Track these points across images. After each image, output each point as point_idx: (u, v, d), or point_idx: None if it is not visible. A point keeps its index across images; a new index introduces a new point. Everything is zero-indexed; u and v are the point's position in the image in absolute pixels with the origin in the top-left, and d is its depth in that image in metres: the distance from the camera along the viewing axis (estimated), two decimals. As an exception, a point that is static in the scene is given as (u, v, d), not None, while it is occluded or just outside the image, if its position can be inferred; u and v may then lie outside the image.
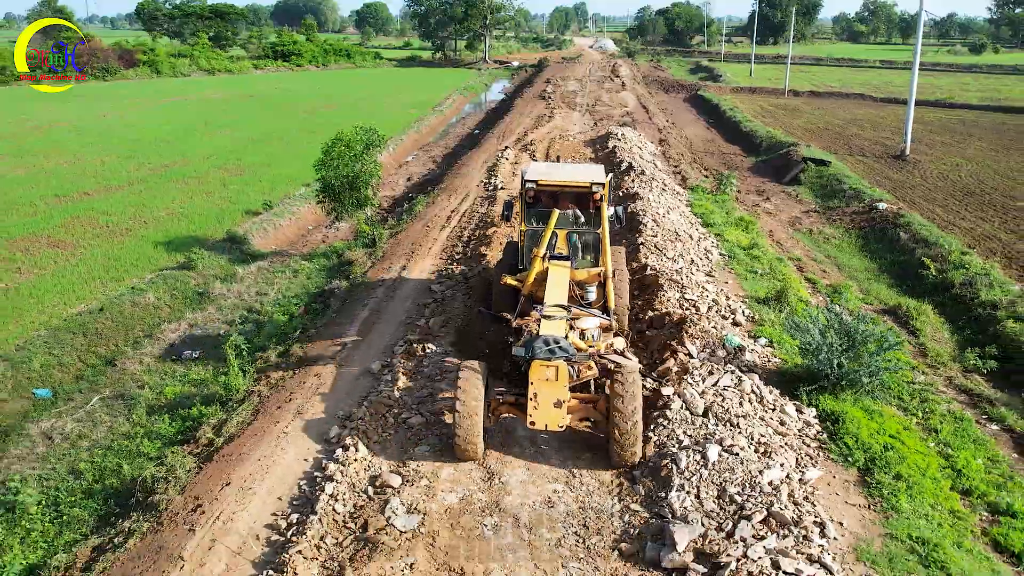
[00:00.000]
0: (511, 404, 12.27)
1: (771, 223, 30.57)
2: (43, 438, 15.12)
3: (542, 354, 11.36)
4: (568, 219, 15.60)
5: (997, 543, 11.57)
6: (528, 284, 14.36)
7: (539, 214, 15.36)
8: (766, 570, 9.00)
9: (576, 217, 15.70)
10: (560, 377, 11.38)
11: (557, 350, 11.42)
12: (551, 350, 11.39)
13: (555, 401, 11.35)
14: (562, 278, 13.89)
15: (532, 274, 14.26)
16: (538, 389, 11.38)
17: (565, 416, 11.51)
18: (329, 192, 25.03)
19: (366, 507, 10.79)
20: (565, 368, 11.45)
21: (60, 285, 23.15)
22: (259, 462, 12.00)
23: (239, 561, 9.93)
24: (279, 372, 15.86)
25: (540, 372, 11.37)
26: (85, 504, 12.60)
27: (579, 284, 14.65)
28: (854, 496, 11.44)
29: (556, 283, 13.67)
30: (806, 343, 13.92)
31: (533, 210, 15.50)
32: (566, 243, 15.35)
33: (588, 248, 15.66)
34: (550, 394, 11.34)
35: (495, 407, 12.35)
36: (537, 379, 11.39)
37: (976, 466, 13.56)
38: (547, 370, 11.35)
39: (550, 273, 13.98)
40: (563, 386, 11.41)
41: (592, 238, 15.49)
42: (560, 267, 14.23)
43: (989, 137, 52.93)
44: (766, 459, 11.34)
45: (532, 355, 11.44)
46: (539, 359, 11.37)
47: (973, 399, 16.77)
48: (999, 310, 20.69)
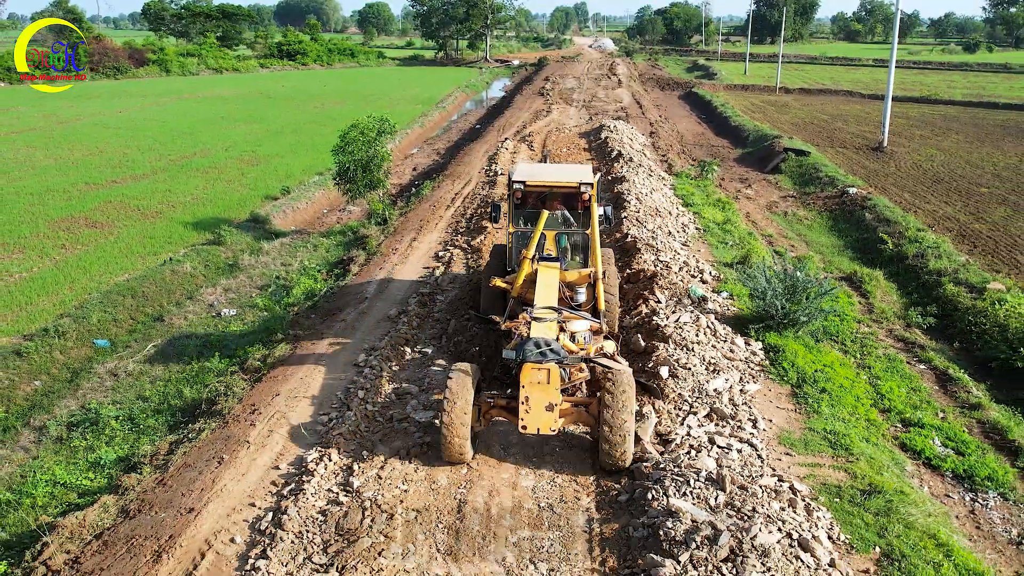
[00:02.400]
0: (502, 407, 12.01)
1: (749, 206, 33.20)
2: (110, 375, 17.77)
3: (533, 357, 11.17)
4: (557, 220, 15.43)
5: (904, 445, 14.22)
6: (517, 286, 14.21)
7: (527, 215, 15.21)
8: (704, 443, 11.64)
9: (565, 218, 15.50)
10: (552, 380, 11.21)
11: (548, 352, 11.22)
12: (542, 352, 11.20)
13: (547, 404, 11.14)
14: (552, 280, 13.72)
15: (521, 276, 14.08)
16: (529, 392, 11.17)
17: (557, 420, 11.31)
18: (345, 175, 27.72)
19: (392, 405, 13.55)
20: (557, 371, 11.31)
21: (103, 258, 25.75)
22: (301, 380, 14.73)
23: (292, 444, 12.60)
24: (310, 319, 18.56)
25: (531, 375, 11.22)
26: (156, 418, 15.27)
27: (569, 286, 14.57)
28: (784, 403, 14.11)
29: (546, 285, 13.49)
30: (754, 288, 16.60)
31: (521, 211, 15.31)
32: (555, 244, 15.13)
33: (578, 249, 15.43)
34: (542, 397, 11.14)
35: (486, 410, 12.12)
36: (528, 382, 11.20)
37: (898, 392, 16.20)
38: (539, 373, 11.20)
39: (539, 275, 13.80)
40: (555, 389, 11.22)
41: (581, 239, 15.25)
42: (549, 269, 14.04)
43: (966, 131, 55.51)
44: (714, 374, 14.01)
45: (523, 358, 11.21)
46: (530, 362, 11.19)
47: (908, 346, 19.39)
48: (943, 276, 23.31)
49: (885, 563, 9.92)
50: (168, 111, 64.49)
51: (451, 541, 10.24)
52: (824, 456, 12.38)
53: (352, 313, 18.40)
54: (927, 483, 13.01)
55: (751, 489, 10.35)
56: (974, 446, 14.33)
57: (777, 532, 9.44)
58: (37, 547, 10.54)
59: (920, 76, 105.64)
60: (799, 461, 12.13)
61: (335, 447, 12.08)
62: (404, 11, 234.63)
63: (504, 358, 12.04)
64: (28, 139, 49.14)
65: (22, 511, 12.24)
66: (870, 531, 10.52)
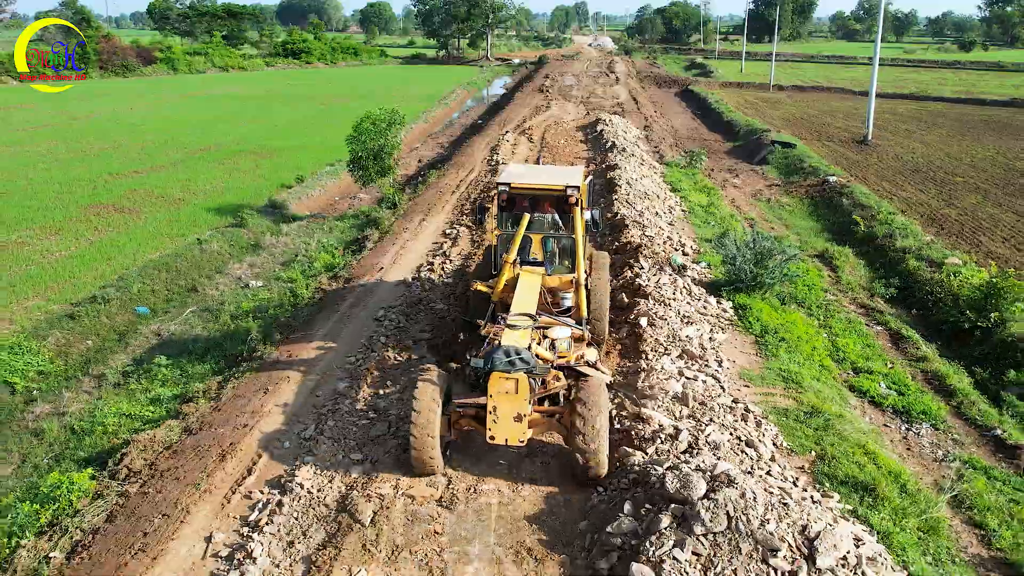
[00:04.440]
0: (471, 417, 11.64)
1: (735, 193, 35.38)
2: (154, 335, 19.97)
3: (501, 366, 10.71)
4: (546, 223, 14.96)
5: (852, 387, 16.39)
6: (497, 291, 13.83)
7: (515, 218, 14.40)
8: (674, 374, 13.80)
9: (555, 222, 14.98)
10: (520, 390, 10.77)
11: (518, 361, 10.75)
12: (511, 361, 10.73)
13: (515, 415, 10.82)
14: (532, 285, 13.44)
15: (502, 280, 13.75)
16: (497, 402, 10.83)
17: (526, 431, 11.00)
18: (358, 162, 29.94)
19: (407, 350, 15.83)
20: (526, 380, 10.81)
21: (134, 239, 27.88)
22: (329, 331, 17.00)
23: (328, 377, 14.85)
24: (333, 285, 20.77)
25: (499, 385, 10.78)
26: (202, 366, 17.47)
27: (553, 291, 14.33)
28: (748, 349, 16.29)
29: (525, 290, 13.17)
30: (726, 255, 18.79)
31: (509, 214, 14.76)
32: (541, 248, 14.69)
33: (566, 253, 14.78)
34: (510, 408, 10.80)
35: (456, 420, 11.77)
36: (496, 392, 10.81)
37: (853, 347, 18.37)
38: (506, 383, 10.74)
39: (520, 279, 13.52)
40: (523, 399, 10.81)
41: (569, 243, 14.62)
42: (531, 273, 13.82)
43: (950, 126, 57.67)
44: (687, 325, 16.18)
45: (491, 367, 10.79)
46: (498, 371, 10.74)
47: (869, 312, 21.58)
48: (908, 253, 25.48)
49: (818, 463, 12.09)
50: (179, 108, 66.65)
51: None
52: (777, 388, 14.56)
53: (372, 279, 20.60)
54: (868, 415, 15.19)
55: (710, 405, 12.53)
56: (915, 389, 16.51)
57: (728, 434, 11.63)
58: (118, 456, 12.73)
59: (914, 73, 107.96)
60: (755, 391, 14.30)
61: (363, 379, 14.33)
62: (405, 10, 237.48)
63: (472, 366, 11.63)
64: (47, 134, 51.27)
65: (96, 436, 14.43)
66: (808, 440, 12.70)
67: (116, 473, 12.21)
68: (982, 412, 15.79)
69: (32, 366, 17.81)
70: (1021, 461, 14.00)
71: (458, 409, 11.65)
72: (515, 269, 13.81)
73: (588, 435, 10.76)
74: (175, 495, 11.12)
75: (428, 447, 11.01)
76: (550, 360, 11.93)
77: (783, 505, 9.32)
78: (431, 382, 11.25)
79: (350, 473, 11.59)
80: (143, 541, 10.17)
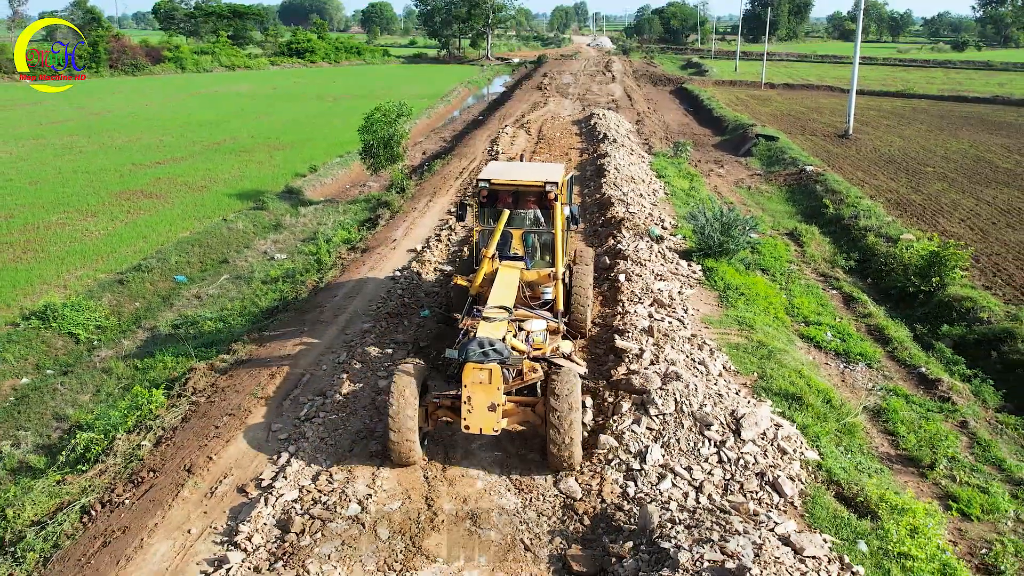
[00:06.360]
0: (447, 408, 12.02)
1: (719, 181, 38.08)
2: (195, 298, 22.66)
3: (475, 357, 11.08)
4: (527, 219, 15.44)
5: (802, 335, 19.07)
6: (476, 285, 14.16)
7: (497, 214, 14.53)
8: (644, 317, 16.46)
9: (536, 217, 15.41)
10: (494, 380, 11.13)
11: (491, 352, 11.10)
12: (485, 352, 11.08)
13: (489, 405, 11.16)
14: (510, 279, 13.76)
15: (480, 275, 14.08)
16: (472, 392, 11.18)
17: (500, 420, 11.33)
18: (369, 151, 32.69)
19: (419, 302, 18.56)
20: (499, 371, 11.18)
21: (165, 220, 30.54)
22: (352, 288, 19.76)
23: (355, 320, 17.53)
24: (351, 255, 23.49)
25: (473, 375, 11.14)
26: (241, 319, 20.17)
27: (532, 285, 14.64)
28: (711, 302, 18.97)
29: (503, 284, 13.51)
30: (696, 225, 21.50)
31: (491, 210, 15.10)
32: (522, 244, 15.17)
33: (547, 248, 15.27)
34: (484, 398, 11.15)
35: (432, 410, 12.13)
36: (470, 382, 11.16)
37: (807, 305, 21.04)
38: (480, 373, 11.11)
39: (498, 274, 13.89)
40: (496, 389, 11.16)
41: (550, 238, 14.96)
42: (509, 268, 14.20)
43: (931, 121, 60.36)
44: (659, 281, 18.87)
45: (465, 358, 11.16)
46: (472, 362, 11.11)
47: (827, 279, 24.26)
48: (869, 231, 28.15)
49: (759, 381, 14.76)
50: (190, 105, 69.39)
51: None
52: (732, 330, 17.22)
53: (385, 250, 23.31)
54: (812, 355, 17.86)
55: (672, 337, 15.21)
56: (856, 337, 19.20)
57: (684, 356, 14.30)
58: (183, 380, 15.44)
59: (904, 72, 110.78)
60: (713, 331, 16.95)
61: (382, 320, 17.13)
62: (407, 10, 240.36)
63: (447, 357, 11.96)
64: (68, 129, 54.05)
65: (157, 371, 17.13)
66: (753, 365, 15.37)
67: (183, 392, 14.89)
68: (912, 356, 18.47)
69: (92, 321, 20.50)
70: (937, 390, 16.67)
71: (435, 400, 12.07)
72: (494, 264, 14.21)
73: (561, 425, 11.13)
74: (237, 401, 13.82)
75: (406, 438, 11.39)
76: (525, 351, 12.30)
77: (718, 395, 12.04)
78: (407, 373, 11.60)
79: (379, 384, 14.33)
80: (216, 431, 12.86)
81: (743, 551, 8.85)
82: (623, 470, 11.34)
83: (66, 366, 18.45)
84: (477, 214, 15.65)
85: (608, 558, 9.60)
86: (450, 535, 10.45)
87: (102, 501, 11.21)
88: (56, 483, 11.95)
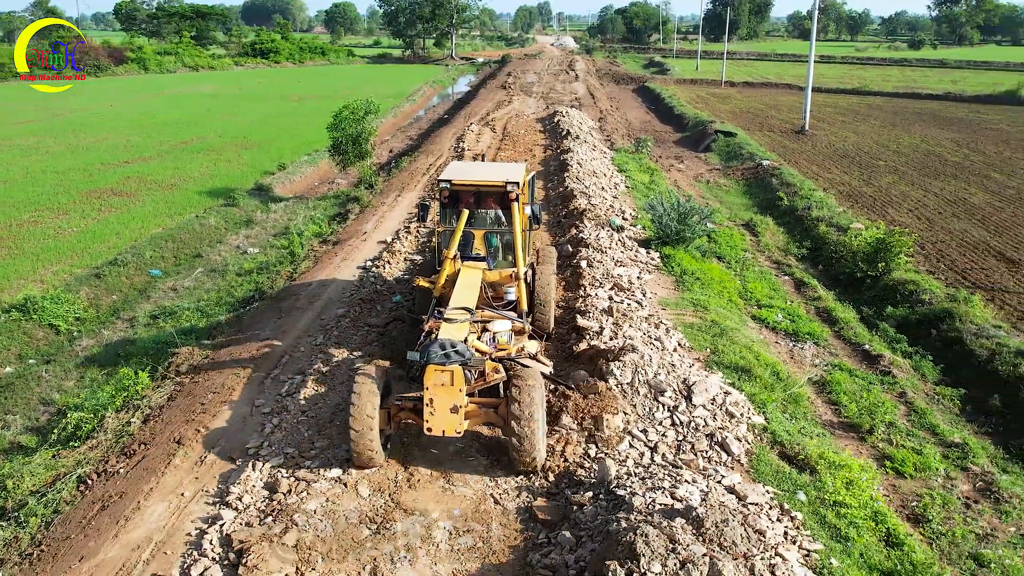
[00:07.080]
0: (410, 410, 11.89)
1: (679, 176, 39.29)
2: (171, 291, 23.30)
3: (437, 358, 10.99)
4: (489, 219, 15.34)
5: (755, 317, 20.20)
6: (439, 286, 14.20)
7: (459, 214, 14.41)
8: (605, 300, 17.47)
9: (498, 217, 15.29)
10: (456, 382, 11.04)
11: (453, 354, 11.01)
12: (446, 354, 11.00)
13: (451, 406, 11.09)
14: (472, 280, 13.67)
15: (443, 276, 14.09)
16: (434, 394, 11.09)
17: (462, 422, 11.28)
18: (338, 148, 33.42)
19: (391, 289, 19.39)
20: (461, 372, 11.09)
21: (137, 218, 31.00)
22: (327, 276, 20.61)
23: (328, 309, 18.34)
24: (323, 247, 24.26)
25: (435, 377, 11.05)
26: (218, 309, 20.86)
27: (495, 285, 14.60)
28: (668, 286, 20.05)
29: (465, 285, 13.39)
30: (654, 215, 22.58)
31: (453, 211, 14.88)
32: (484, 244, 15.09)
33: (510, 248, 15.06)
34: (446, 399, 11.07)
35: (395, 413, 12.01)
36: (432, 384, 11.07)
37: (761, 289, 22.20)
38: (441, 375, 11.03)
39: (460, 275, 13.77)
40: (458, 391, 11.09)
41: (512, 238, 14.67)
42: (472, 268, 14.11)
43: (885, 117, 62.25)
44: (620, 267, 19.89)
45: (427, 360, 11.05)
46: (433, 363, 11.02)
47: (780, 266, 25.47)
48: (820, 221, 29.44)
49: (711, 356, 15.82)
50: (155, 105, 69.35)
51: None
52: (688, 311, 18.29)
53: (356, 241, 24.12)
54: (763, 335, 18.98)
55: (630, 316, 16.23)
56: (805, 319, 20.38)
57: (641, 333, 15.32)
58: (166, 363, 16.17)
59: (861, 70, 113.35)
60: (669, 312, 17.99)
61: (356, 306, 18.02)
62: (370, 10, 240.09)
63: (408, 359, 11.85)
64: (31, 129, 54.01)
65: (139, 357, 17.81)
66: (706, 342, 16.44)
67: (167, 374, 15.63)
68: (857, 335, 19.70)
69: (71, 313, 21.07)
70: (879, 365, 17.85)
71: (397, 403, 11.96)
72: (456, 264, 14.16)
73: (523, 426, 11.17)
74: (220, 381, 14.61)
75: (368, 440, 11.33)
76: (487, 352, 12.31)
77: (671, 365, 13.07)
78: (368, 376, 11.57)
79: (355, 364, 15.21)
80: (202, 408, 13.65)
81: (691, 496, 9.87)
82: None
83: (48, 355, 19.04)
84: (439, 214, 15.50)
85: (570, 507, 10.57)
86: (426, 492, 11.35)
87: (97, 471, 11.97)
88: (52, 458, 12.66)
